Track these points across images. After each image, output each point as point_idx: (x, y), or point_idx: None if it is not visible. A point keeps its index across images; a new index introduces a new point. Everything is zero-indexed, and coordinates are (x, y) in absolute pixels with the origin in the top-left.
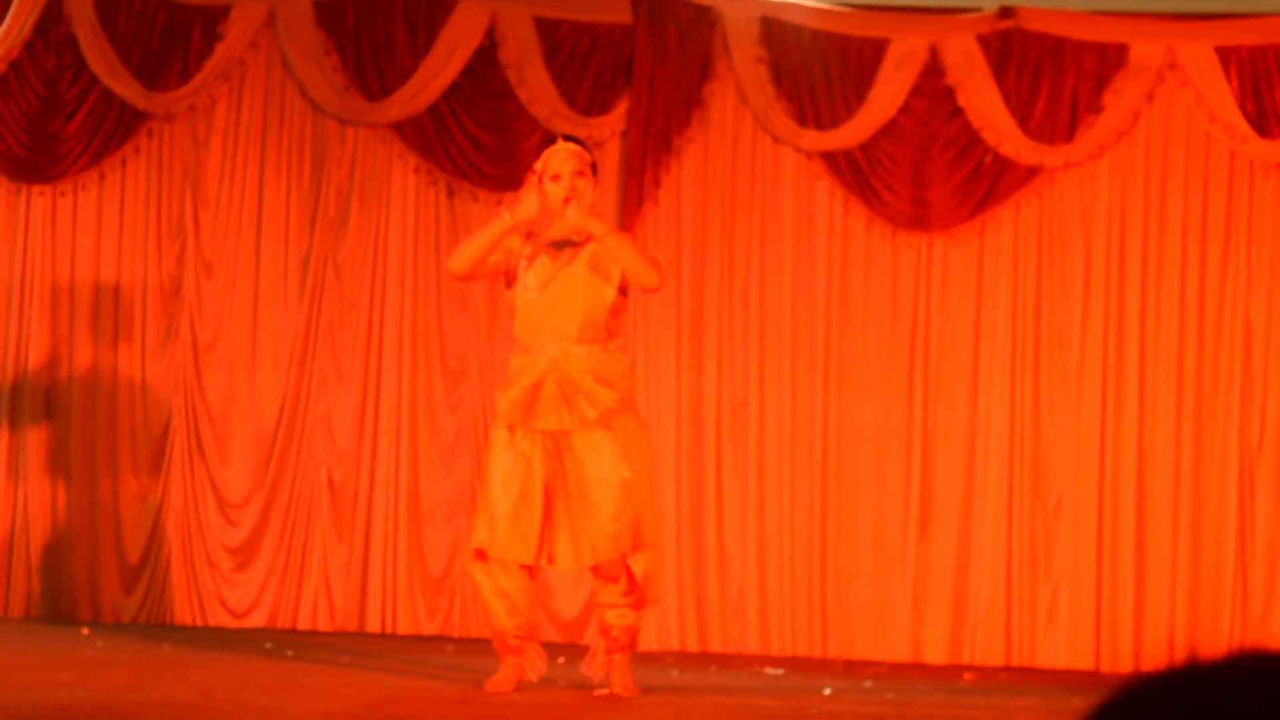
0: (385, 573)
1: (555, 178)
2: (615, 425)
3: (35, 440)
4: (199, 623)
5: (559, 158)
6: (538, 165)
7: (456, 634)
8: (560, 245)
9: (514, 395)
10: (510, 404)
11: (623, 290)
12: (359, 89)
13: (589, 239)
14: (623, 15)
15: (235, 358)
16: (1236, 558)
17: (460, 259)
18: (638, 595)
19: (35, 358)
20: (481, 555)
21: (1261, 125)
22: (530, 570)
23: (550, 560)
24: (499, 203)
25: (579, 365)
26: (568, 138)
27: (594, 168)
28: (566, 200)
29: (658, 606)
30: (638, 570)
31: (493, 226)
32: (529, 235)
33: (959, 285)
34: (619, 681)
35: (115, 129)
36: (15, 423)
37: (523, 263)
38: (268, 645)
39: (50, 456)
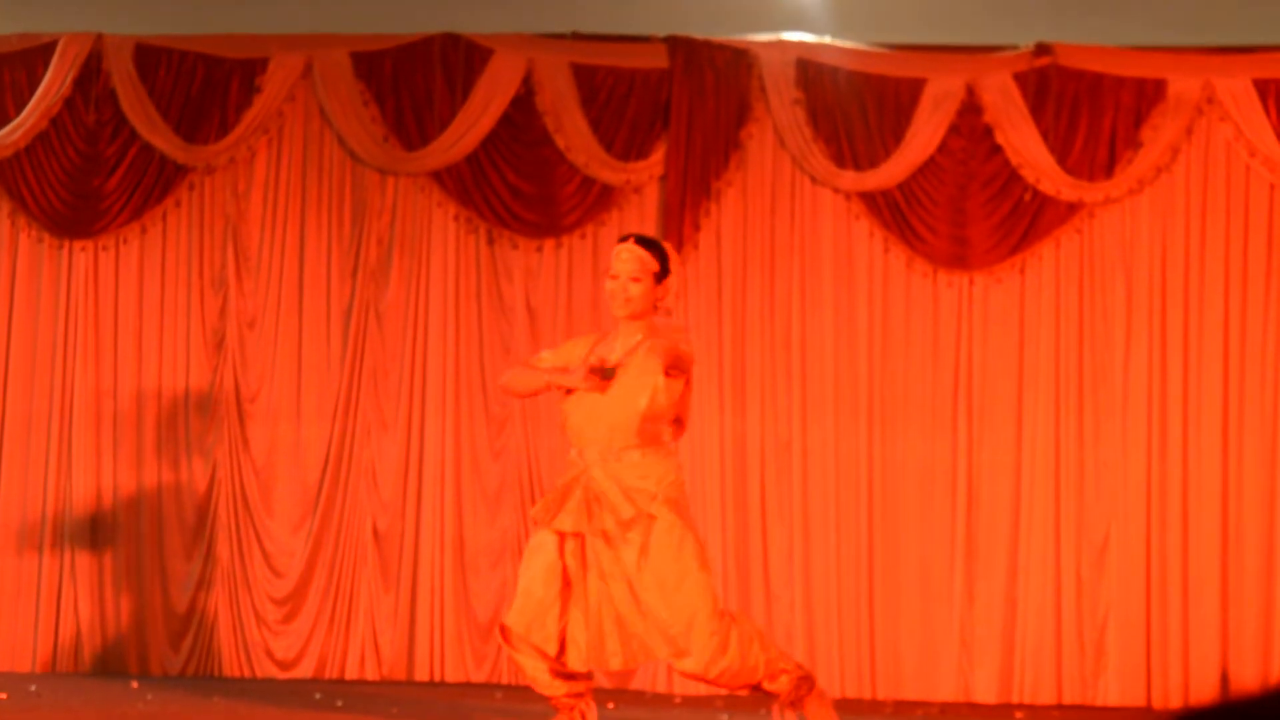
0: (432, 621)
1: (614, 277)
2: (639, 533)
3: (81, 493)
4: (247, 674)
5: (620, 259)
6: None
7: (505, 681)
8: (613, 349)
9: (548, 497)
10: (542, 505)
11: (662, 398)
12: (398, 139)
13: (637, 347)
14: (659, 60)
15: (279, 409)
16: None
17: (512, 386)
18: (712, 683)
19: (79, 411)
20: (504, 633)
21: None
22: (550, 659)
23: (560, 654)
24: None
25: (610, 473)
26: (640, 239)
27: (658, 274)
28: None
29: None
30: (691, 668)
31: (538, 379)
32: (604, 337)
33: (1001, 323)
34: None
35: (156, 183)
36: (61, 478)
37: (544, 373)
38: (317, 696)
39: (95, 511)
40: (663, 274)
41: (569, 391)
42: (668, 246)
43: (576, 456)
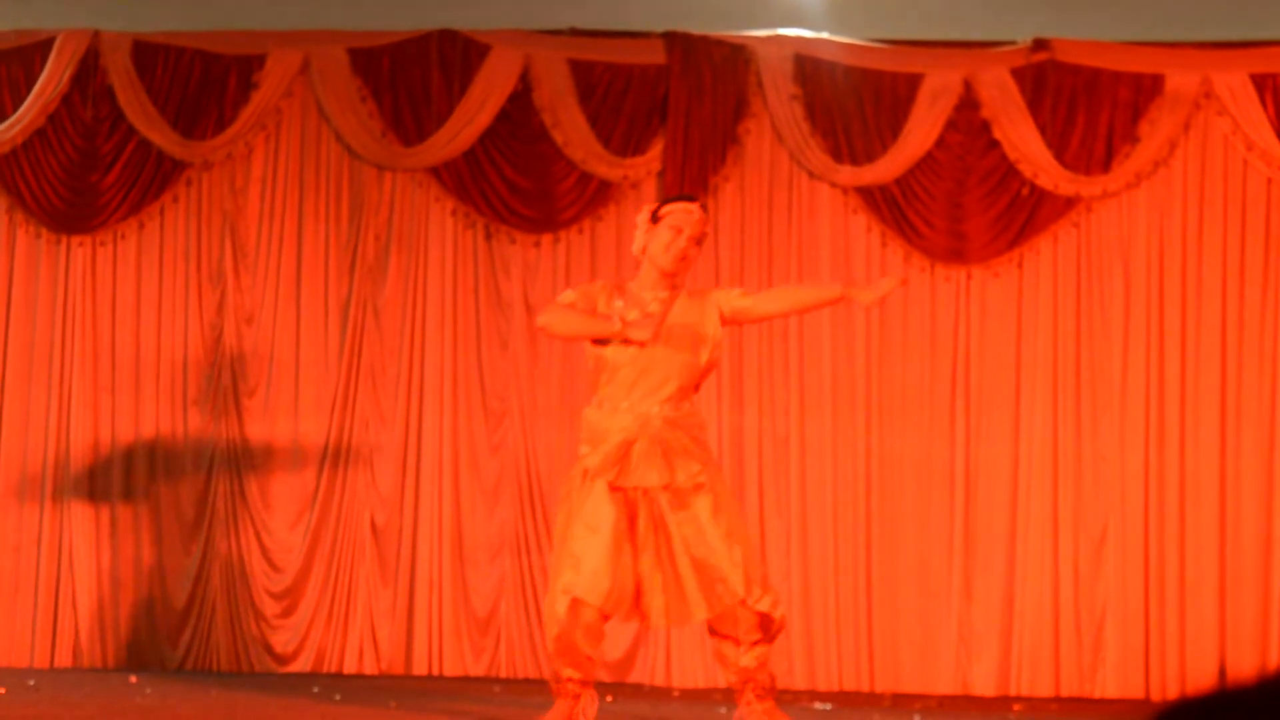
0: (430, 615)
1: (677, 230)
2: (707, 484)
3: (79, 489)
4: (245, 668)
5: (692, 218)
6: (662, 211)
7: (503, 674)
8: (647, 301)
9: (606, 451)
10: (603, 460)
11: (718, 352)
12: (395, 134)
13: (677, 296)
14: (656, 56)
15: (277, 404)
16: None
17: (557, 327)
18: (766, 632)
19: (78, 407)
20: (576, 602)
21: None
22: (605, 619)
23: (643, 618)
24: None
25: (669, 424)
26: (703, 205)
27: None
28: (679, 258)
29: (704, 642)
30: (764, 607)
31: (599, 326)
32: (621, 289)
33: (998, 317)
34: None
35: (153, 179)
36: (59, 472)
37: (615, 321)
38: (315, 689)
39: (94, 505)
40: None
41: (617, 341)
42: None
43: (614, 414)
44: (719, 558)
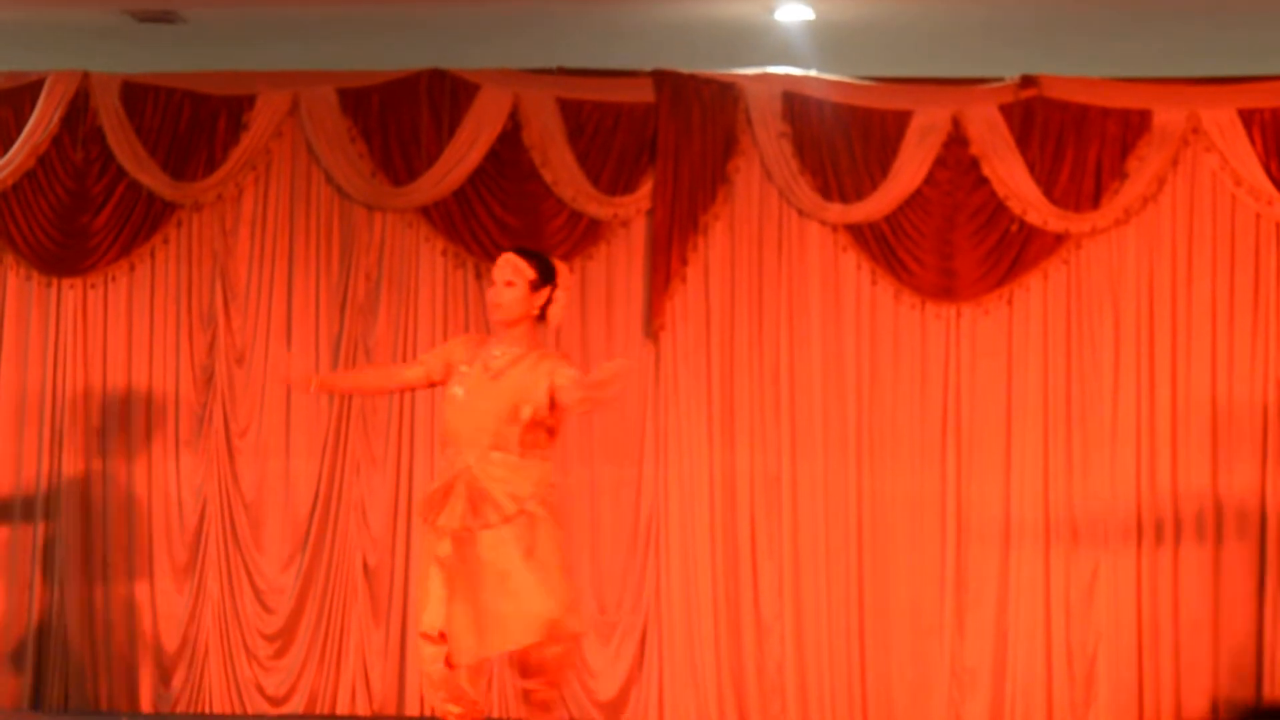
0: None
1: (491, 284)
2: (519, 523)
3: (71, 531)
4: (238, 710)
5: (496, 266)
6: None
7: (495, 714)
8: (494, 356)
9: (429, 492)
10: (424, 502)
11: (549, 410)
12: (385, 174)
13: (526, 355)
14: (645, 94)
15: (268, 445)
16: (1275, 619)
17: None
18: (549, 679)
19: (69, 448)
20: (426, 638)
21: None
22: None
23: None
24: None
25: (491, 473)
26: (519, 249)
27: (534, 283)
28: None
29: (698, 682)
30: (548, 657)
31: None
32: (483, 343)
33: (989, 354)
34: None
35: (144, 220)
36: (51, 514)
37: (463, 368)
38: None
39: (86, 547)
40: (540, 283)
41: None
42: (559, 264)
43: (447, 458)
44: (512, 600)
